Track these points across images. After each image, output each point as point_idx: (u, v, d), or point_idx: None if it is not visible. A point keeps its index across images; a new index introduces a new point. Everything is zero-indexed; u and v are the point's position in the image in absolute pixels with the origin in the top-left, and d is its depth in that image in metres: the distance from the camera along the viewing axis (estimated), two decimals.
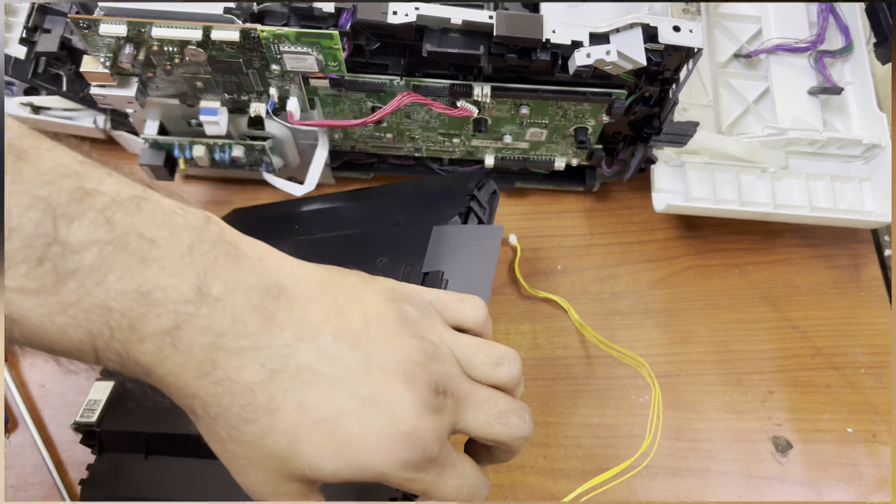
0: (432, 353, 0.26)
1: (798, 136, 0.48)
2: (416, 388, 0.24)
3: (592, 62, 0.38)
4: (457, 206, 0.40)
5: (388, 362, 0.25)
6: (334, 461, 0.24)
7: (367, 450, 0.24)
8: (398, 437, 0.24)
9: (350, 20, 0.38)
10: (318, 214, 0.46)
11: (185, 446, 0.38)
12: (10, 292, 0.20)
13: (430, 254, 0.37)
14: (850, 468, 0.47)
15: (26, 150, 0.21)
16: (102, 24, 0.37)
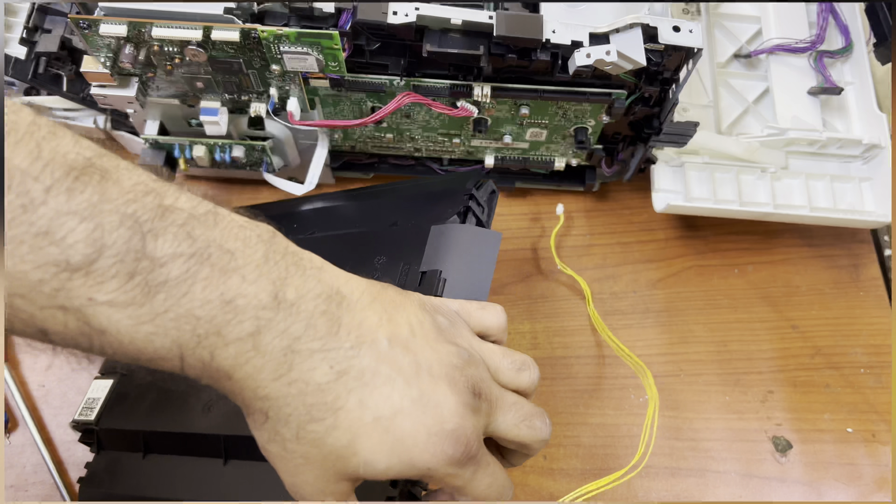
0: (468, 359, 0.28)
1: (798, 137, 0.48)
2: (457, 389, 0.26)
3: (592, 62, 0.38)
4: (455, 205, 0.40)
5: (433, 365, 0.26)
6: (388, 458, 0.25)
7: (418, 446, 0.25)
8: (445, 435, 0.25)
9: (350, 20, 0.38)
10: (317, 214, 0.46)
11: (183, 444, 0.38)
12: (101, 306, 0.21)
13: (429, 253, 0.37)
14: (850, 468, 0.47)
15: (108, 170, 0.22)
16: (103, 25, 0.37)
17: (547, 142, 0.48)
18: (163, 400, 0.39)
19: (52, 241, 0.21)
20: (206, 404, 0.37)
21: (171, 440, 0.38)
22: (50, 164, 0.21)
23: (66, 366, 0.48)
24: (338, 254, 0.39)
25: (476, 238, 0.38)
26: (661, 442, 0.47)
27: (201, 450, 0.37)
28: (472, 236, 0.38)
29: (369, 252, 0.40)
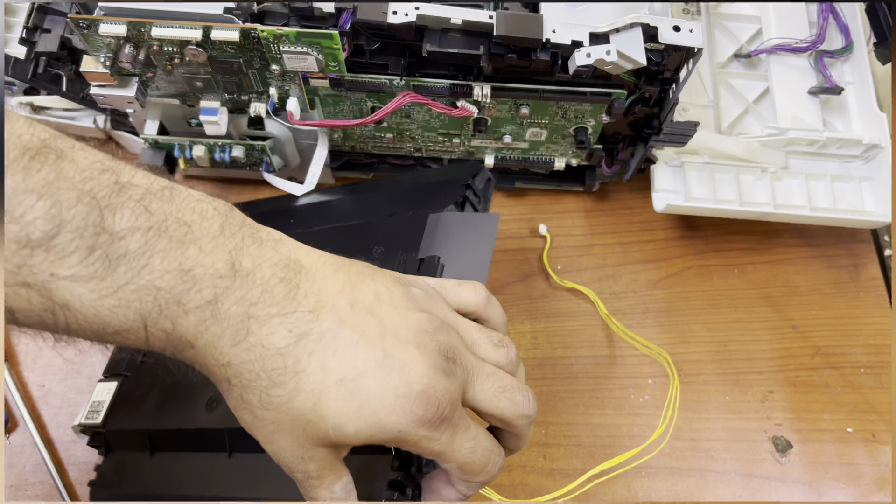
0: (439, 325, 0.27)
1: (798, 136, 0.48)
2: (427, 351, 0.26)
3: (592, 62, 0.38)
4: (453, 195, 0.40)
5: (401, 329, 0.26)
6: (356, 421, 0.25)
7: (386, 408, 0.25)
8: (413, 396, 0.25)
9: (350, 20, 0.38)
10: (314, 208, 0.46)
11: (188, 441, 0.38)
12: (63, 280, 0.22)
13: (426, 241, 0.37)
14: (850, 468, 0.47)
15: (63, 150, 0.23)
16: (102, 24, 0.37)
17: (547, 142, 0.48)
18: (167, 398, 0.39)
19: (11, 219, 0.21)
20: (209, 400, 0.38)
21: (176, 437, 0.38)
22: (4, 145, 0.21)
23: (66, 366, 0.48)
24: (335, 245, 0.39)
25: (473, 223, 0.38)
26: (660, 441, 0.47)
27: (206, 445, 0.37)
28: (470, 221, 0.38)
29: (367, 242, 0.40)
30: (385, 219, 0.42)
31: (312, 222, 0.45)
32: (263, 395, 0.25)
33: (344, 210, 0.45)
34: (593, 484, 0.43)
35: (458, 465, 0.27)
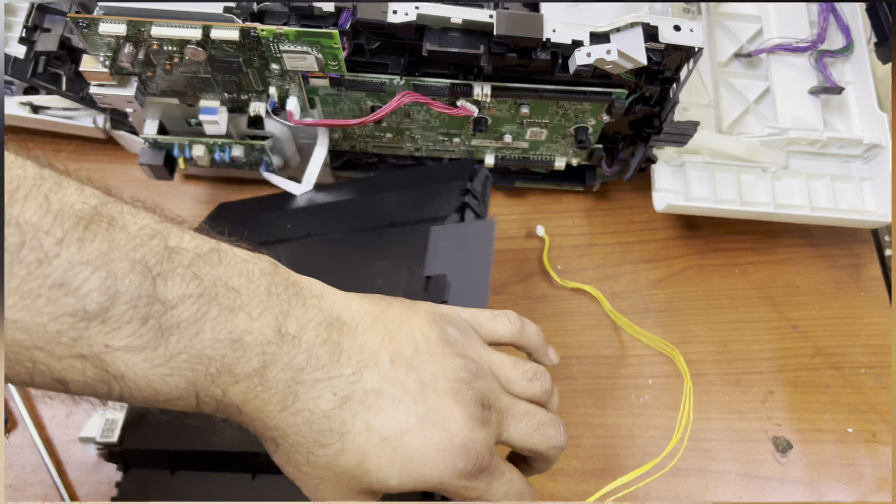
0: (475, 371, 0.28)
1: (798, 136, 0.48)
2: (464, 403, 0.27)
3: (593, 61, 0.38)
4: (451, 200, 0.40)
5: (439, 381, 0.27)
6: (399, 475, 0.26)
7: (428, 462, 0.26)
8: (454, 450, 0.26)
9: (350, 19, 0.37)
10: (309, 212, 0.46)
11: (211, 461, 0.38)
12: (118, 351, 0.22)
13: (431, 255, 0.38)
14: (850, 468, 0.47)
15: (114, 217, 0.23)
16: (102, 24, 0.37)
17: (547, 141, 0.48)
18: (186, 418, 0.39)
19: (67, 291, 0.21)
20: (227, 421, 0.38)
21: (197, 458, 0.39)
22: (59, 216, 0.22)
23: None
24: (339, 258, 0.39)
25: (473, 231, 0.38)
26: (661, 442, 0.47)
27: (229, 466, 0.38)
28: (469, 231, 0.38)
29: (370, 255, 0.40)
30: (385, 229, 0.42)
31: (310, 229, 0.45)
32: (310, 455, 0.26)
33: (341, 214, 0.45)
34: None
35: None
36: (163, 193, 0.53)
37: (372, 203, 0.44)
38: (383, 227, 0.42)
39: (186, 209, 0.53)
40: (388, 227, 0.42)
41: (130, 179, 0.54)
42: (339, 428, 0.25)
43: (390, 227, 0.42)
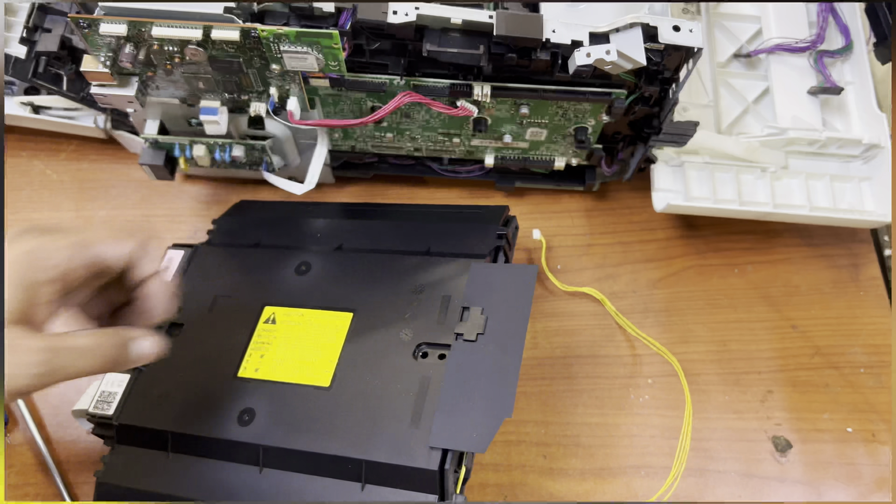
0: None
1: (798, 136, 0.48)
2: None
3: (592, 62, 0.38)
4: (487, 241, 0.42)
5: None
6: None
7: None
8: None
9: (350, 20, 0.38)
10: (341, 226, 0.46)
11: (216, 449, 0.38)
12: None
13: (469, 289, 0.40)
14: (850, 468, 0.47)
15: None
16: (102, 24, 0.37)
17: (547, 141, 0.48)
18: (191, 403, 0.40)
19: None
20: (241, 413, 0.38)
21: (201, 444, 0.38)
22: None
23: None
24: (373, 275, 0.42)
25: (514, 274, 0.40)
26: (660, 441, 0.47)
27: (236, 456, 0.38)
28: (510, 273, 0.40)
29: (406, 277, 0.41)
30: (421, 256, 0.43)
31: (341, 240, 0.45)
32: None
33: (374, 234, 0.45)
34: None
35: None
36: (163, 193, 0.53)
37: (407, 228, 0.45)
38: (419, 254, 0.43)
39: (187, 209, 0.53)
40: (423, 254, 0.43)
41: (131, 179, 0.54)
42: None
43: (426, 254, 0.43)
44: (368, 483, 0.36)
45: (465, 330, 0.38)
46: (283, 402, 0.38)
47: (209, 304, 0.43)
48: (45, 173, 0.54)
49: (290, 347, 0.40)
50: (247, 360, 0.40)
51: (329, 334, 0.40)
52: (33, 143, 0.54)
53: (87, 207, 0.53)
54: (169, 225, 0.52)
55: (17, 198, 0.53)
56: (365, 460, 0.35)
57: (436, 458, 0.34)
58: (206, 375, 0.40)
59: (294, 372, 0.39)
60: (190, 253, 0.46)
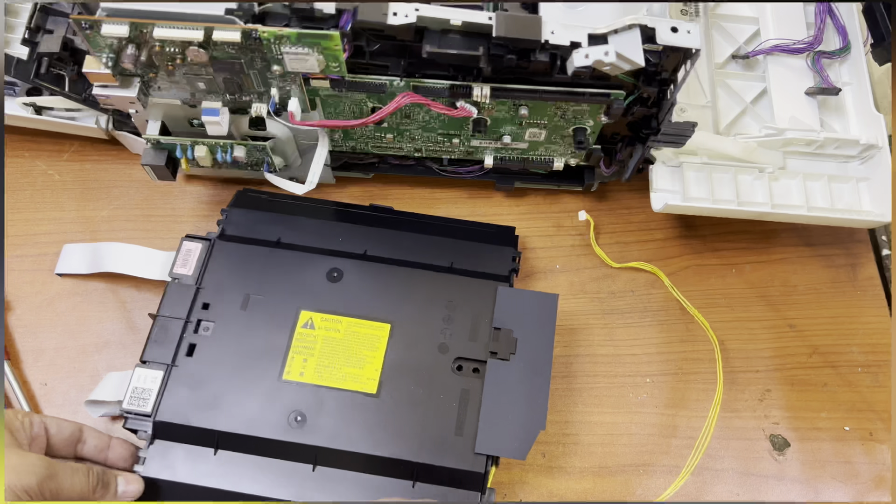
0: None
1: (795, 137, 0.48)
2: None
3: (591, 63, 0.38)
4: (504, 264, 0.47)
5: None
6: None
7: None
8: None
9: (350, 21, 0.38)
10: (362, 232, 0.48)
11: (266, 448, 0.41)
12: None
13: (499, 311, 0.44)
14: (847, 466, 0.48)
15: None
16: (104, 25, 0.37)
17: (546, 142, 0.48)
18: (235, 403, 0.42)
19: None
20: (292, 414, 0.41)
21: (251, 443, 0.41)
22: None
23: (68, 365, 0.48)
24: (406, 290, 0.45)
25: (538, 301, 0.45)
26: (658, 440, 0.48)
27: (289, 455, 0.41)
28: (534, 300, 0.45)
29: (436, 294, 0.45)
30: (446, 272, 0.46)
31: (366, 246, 0.47)
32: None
33: (397, 242, 0.48)
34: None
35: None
36: (165, 194, 0.54)
37: (429, 241, 0.48)
38: (443, 270, 0.46)
39: (188, 209, 0.53)
40: (447, 270, 0.47)
41: (133, 180, 0.54)
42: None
43: (449, 271, 0.46)
44: (419, 482, 0.41)
45: (498, 349, 0.43)
46: (333, 407, 0.42)
47: (241, 303, 0.44)
48: (48, 174, 0.54)
49: (332, 354, 0.43)
50: (290, 363, 0.43)
51: (369, 344, 0.44)
52: (35, 143, 0.55)
53: (89, 208, 0.53)
54: (171, 225, 0.53)
55: (19, 198, 0.53)
56: (417, 462, 0.40)
57: (480, 462, 0.41)
58: (249, 376, 0.42)
59: (340, 378, 0.43)
60: (209, 246, 0.46)
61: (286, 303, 0.44)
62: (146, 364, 0.43)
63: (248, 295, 0.44)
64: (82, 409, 0.47)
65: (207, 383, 0.42)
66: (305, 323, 0.44)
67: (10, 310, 0.49)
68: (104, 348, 0.49)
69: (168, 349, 0.43)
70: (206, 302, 0.44)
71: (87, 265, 0.50)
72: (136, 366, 0.43)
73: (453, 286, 0.45)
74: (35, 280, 0.50)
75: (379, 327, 0.44)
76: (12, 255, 0.51)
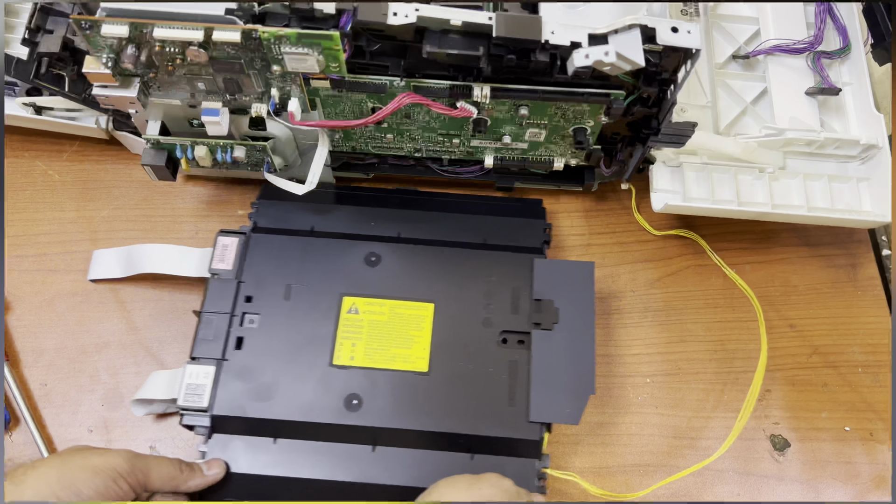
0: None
1: (796, 137, 0.48)
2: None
3: (591, 63, 0.38)
4: (536, 236, 0.48)
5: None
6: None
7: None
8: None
9: (350, 21, 0.38)
10: (393, 216, 0.49)
11: (326, 433, 0.42)
12: None
13: (537, 283, 0.46)
14: (848, 466, 0.48)
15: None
16: (104, 25, 0.37)
17: (546, 142, 0.48)
18: (288, 391, 0.43)
19: None
20: (348, 398, 0.43)
21: (310, 429, 0.42)
22: None
23: (68, 365, 0.48)
24: (445, 269, 0.46)
25: (574, 270, 0.46)
26: (659, 440, 0.48)
27: (348, 438, 0.42)
28: (571, 269, 0.46)
29: (474, 271, 0.46)
30: (480, 249, 0.47)
31: (398, 229, 0.48)
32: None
33: (428, 223, 0.49)
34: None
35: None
36: (165, 194, 0.54)
37: (459, 220, 0.49)
38: (477, 247, 0.48)
39: (189, 210, 0.53)
40: (481, 246, 0.48)
41: (133, 180, 0.54)
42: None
43: (483, 247, 0.48)
44: (477, 453, 0.42)
45: (542, 320, 0.45)
46: (387, 388, 0.43)
47: (283, 293, 0.45)
48: (48, 174, 0.54)
49: (380, 337, 0.44)
50: (339, 348, 0.44)
51: (415, 324, 0.45)
52: (35, 143, 0.54)
53: (89, 208, 0.53)
54: (171, 225, 0.53)
55: (19, 198, 0.53)
56: (474, 435, 0.42)
57: (535, 429, 0.42)
58: (300, 364, 0.43)
59: (390, 359, 0.44)
60: (244, 240, 0.47)
61: (328, 290, 0.45)
62: (196, 360, 0.43)
63: (289, 285, 0.45)
64: (82, 409, 0.47)
65: (259, 374, 0.43)
66: (349, 308, 0.45)
67: (10, 310, 0.49)
68: (104, 348, 0.49)
69: (217, 344, 0.44)
70: (249, 295, 0.45)
71: (121, 269, 0.50)
72: (187, 363, 0.43)
73: (490, 262, 0.47)
74: (35, 280, 0.50)
75: (422, 307, 0.45)
76: (12, 256, 0.51)
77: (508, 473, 0.40)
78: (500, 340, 0.44)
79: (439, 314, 0.45)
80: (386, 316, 0.45)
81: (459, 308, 0.45)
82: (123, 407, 0.47)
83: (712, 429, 0.48)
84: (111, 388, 0.48)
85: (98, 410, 0.47)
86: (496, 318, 0.45)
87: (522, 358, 0.44)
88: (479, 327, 0.45)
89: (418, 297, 0.45)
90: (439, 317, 0.45)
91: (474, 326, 0.45)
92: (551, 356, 0.44)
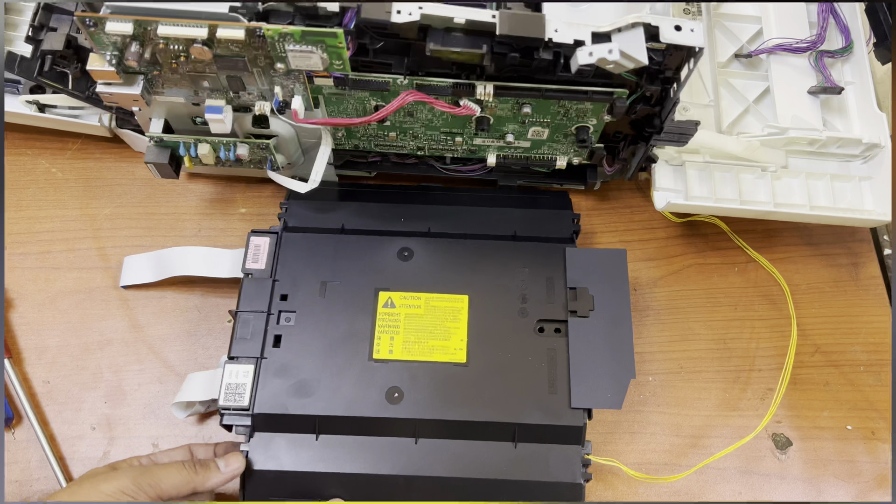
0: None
1: (798, 136, 0.48)
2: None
3: (594, 61, 0.38)
4: (565, 226, 0.49)
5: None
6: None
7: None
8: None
9: (354, 19, 0.38)
10: (421, 211, 0.49)
11: (368, 427, 0.42)
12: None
13: (570, 272, 0.46)
14: (850, 465, 0.48)
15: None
16: (108, 23, 0.37)
17: (549, 140, 0.48)
18: (328, 387, 0.43)
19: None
20: (389, 391, 0.43)
21: (352, 423, 0.42)
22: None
23: (70, 363, 0.48)
24: (478, 259, 0.47)
25: (606, 258, 0.47)
26: (660, 439, 0.48)
27: (391, 431, 0.43)
28: (603, 257, 0.47)
29: (506, 262, 0.47)
30: (511, 241, 0.48)
31: (428, 224, 0.49)
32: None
33: (458, 217, 0.49)
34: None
35: None
36: (168, 192, 0.54)
37: (488, 214, 0.49)
38: (507, 238, 0.48)
39: (192, 207, 0.53)
40: (511, 238, 0.48)
41: (136, 178, 0.54)
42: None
43: (513, 239, 0.48)
44: (520, 442, 0.42)
45: (578, 308, 0.45)
46: (427, 380, 0.43)
47: (318, 290, 0.46)
48: (51, 171, 0.54)
49: (417, 330, 0.45)
50: (377, 343, 0.44)
51: (451, 316, 0.45)
52: (38, 141, 0.55)
53: (92, 206, 0.53)
54: (174, 223, 0.53)
55: (22, 196, 0.53)
56: (517, 423, 0.42)
57: (578, 416, 0.42)
58: (340, 360, 0.44)
59: (429, 352, 0.44)
60: (276, 239, 0.47)
61: (363, 286, 0.46)
62: (235, 360, 0.43)
63: (324, 282, 0.46)
64: (84, 406, 0.47)
65: (299, 371, 0.43)
66: (385, 303, 0.45)
67: (13, 307, 0.49)
68: (107, 346, 0.49)
69: (255, 343, 0.44)
70: (284, 293, 0.45)
71: (153, 273, 0.50)
72: (225, 363, 0.43)
73: (521, 253, 0.47)
74: (38, 277, 0.50)
75: (457, 299, 0.46)
76: (15, 253, 0.51)
77: (553, 460, 0.41)
78: (536, 329, 0.45)
79: (474, 306, 0.46)
80: (422, 309, 0.45)
81: (494, 299, 0.46)
82: (126, 404, 0.47)
83: (714, 427, 0.48)
84: (114, 385, 0.48)
85: (101, 408, 0.47)
86: (531, 307, 0.45)
87: (560, 346, 0.44)
88: (514, 317, 0.45)
89: (452, 289, 0.46)
90: (474, 308, 0.45)
91: (510, 316, 0.45)
92: (589, 343, 0.44)
